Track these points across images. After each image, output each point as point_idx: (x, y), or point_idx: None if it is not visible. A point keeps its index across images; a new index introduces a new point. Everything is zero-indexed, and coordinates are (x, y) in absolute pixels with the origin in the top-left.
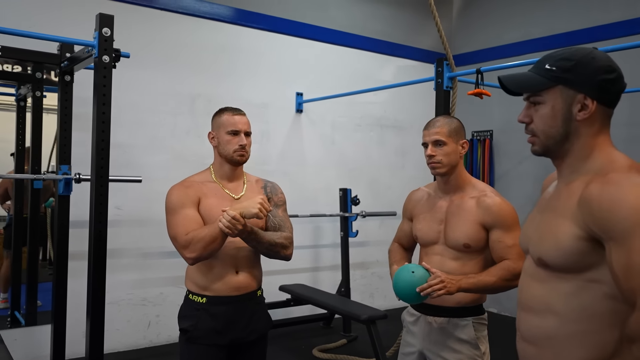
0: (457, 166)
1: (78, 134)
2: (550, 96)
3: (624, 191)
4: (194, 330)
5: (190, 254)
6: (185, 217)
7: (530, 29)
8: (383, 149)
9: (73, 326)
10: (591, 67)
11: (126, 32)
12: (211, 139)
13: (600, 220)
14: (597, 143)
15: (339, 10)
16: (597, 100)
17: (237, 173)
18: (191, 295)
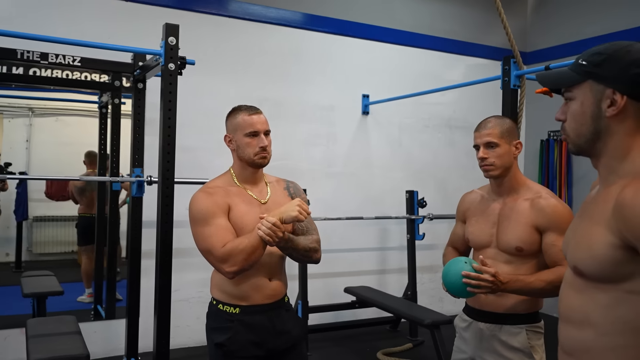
0: (510, 168)
1: (151, 139)
2: (580, 92)
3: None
4: (230, 344)
5: (231, 268)
6: (219, 227)
7: (611, 22)
8: (452, 150)
9: (147, 321)
10: (623, 61)
11: (196, 40)
12: (228, 142)
13: (633, 228)
14: (635, 142)
15: (405, 11)
16: (629, 95)
17: (259, 175)
18: (221, 305)
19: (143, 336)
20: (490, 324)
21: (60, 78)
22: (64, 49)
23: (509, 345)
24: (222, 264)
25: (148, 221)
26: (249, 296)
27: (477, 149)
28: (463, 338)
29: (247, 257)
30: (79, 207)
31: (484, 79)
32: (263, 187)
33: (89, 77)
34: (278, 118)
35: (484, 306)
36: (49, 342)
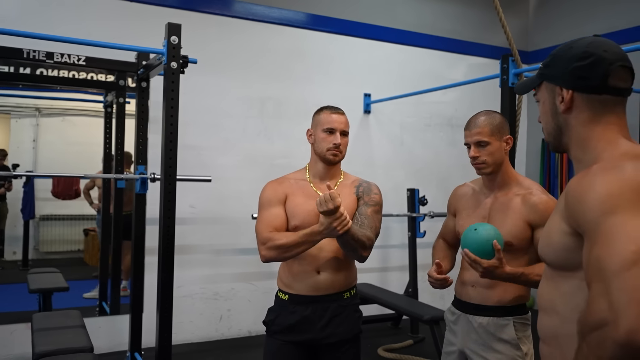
0: (502, 163)
1: (154, 137)
2: (541, 93)
3: (596, 180)
4: (272, 325)
5: (265, 252)
6: (270, 214)
7: (612, 20)
8: (454, 148)
9: (150, 317)
10: (564, 58)
11: (200, 40)
12: (309, 137)
13: (574, 214)
14: (593, 132)
15: (407, 11)
16: (574, 89)
17: (333, 172)
18: (279, 292)
19: (147, 331)
20: (478, 316)
21: (67, 78)
22: (69, 48)
23: (497, 337)
24: (260, 246)
25: (151, 218)
26: (295, 285)
27: (468, 147)
28: (452, 331)
29: (282, 253)
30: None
31: (482, 78)
32: (333, 184)
33: (95, 77)
34: (281, 117)
35: (472, 299)
36: (54, 335)
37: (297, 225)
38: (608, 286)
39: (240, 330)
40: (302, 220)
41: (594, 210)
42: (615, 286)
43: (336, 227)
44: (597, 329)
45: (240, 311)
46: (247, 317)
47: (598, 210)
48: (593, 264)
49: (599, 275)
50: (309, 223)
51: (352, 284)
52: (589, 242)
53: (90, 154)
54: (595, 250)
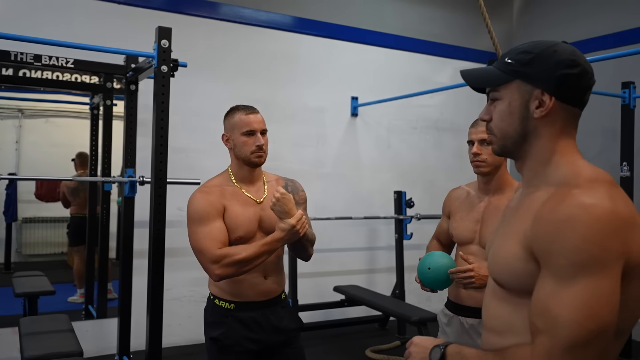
0: (500, 167)
1: (142, 139)
2: (507, 91)
3: (577, 217)
4: (224, 339)
5: (219, 271)
6: (213, 229)
7: (595, 26)
8: (440, 151)
9: (138, 320)
10: (551, 61)
11: (188, 42)
12: (225, 141)
13: (543, 245)
14: (559, 146)
15: (393, 15)
16: (556, 97)
17: (257, 174)
18: (217, 300)
19: (135, 335)
20: (470, 318)
21: (53, 80)
22: (57, 50)
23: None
24: (212, 265)
25: (139, 221)
26: (243, 293)
27: (471, 144)
28: (445, 333)
29: (240, 268)
30: (70, 208)
31: None
32: (260, 186)
33: (79, 79)
34: (268, 119)
35: (465, 300)
36: (43, 340)
37: (241, 237)
38: (557, 353)
39: None
40: (246, 230)
41: (566, 254)
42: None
43: (298, 230)
44: None
45: None
46: None
47: (570, 257)
48: (550, 318)
49: (553, 335)
50: (252, 232)
51: (284, 284)
52: (549, 281)
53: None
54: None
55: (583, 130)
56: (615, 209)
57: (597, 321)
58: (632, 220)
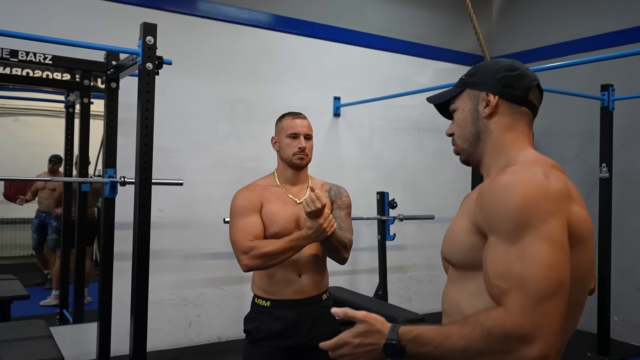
0: None
1: (122, 139)
2: (460, 101)
3: (513, 183)
4: (257, 332)
5: (247, 261)
6: (248, 222)
7: (573, 29)
8: (421, 152)
9: (118, 324)
10: (493, 68)
11: (169, 40)
12: (273, 144)
13: (486, 213)
14: (509, 140)
15: (376, 15)
16: (500, 96)
17: (301, 177)
18: (256, 299)
19: (114, 339)
20: None
21: (26, 76)
22: (34, 46)
23: None
24: (242, 256)
25: (119, 222)
26: (278, 291)
27: None
28: None
29: (267, 261)
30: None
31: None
32: (303, 188)
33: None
34: (251, 119)
35: None
36: (22, 347)
37: (277, 232)
38: (530, 306)
39: (210, 336)
40: (281, 227)
41: (509, 216)
42: (538, 310)
43: (325, 229)
44: (513, 340)
45: (210, 317)
46: (217, 322)
47: (514, 218)
48: (514, 276)
49: (523, 290)
50: (288, 229)
51: (327, 285)
52: (500, 245)
53: (46, 155)
54: (516, 263)
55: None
56: (547, 180)
57: (558, 269)
58: (566, 192)
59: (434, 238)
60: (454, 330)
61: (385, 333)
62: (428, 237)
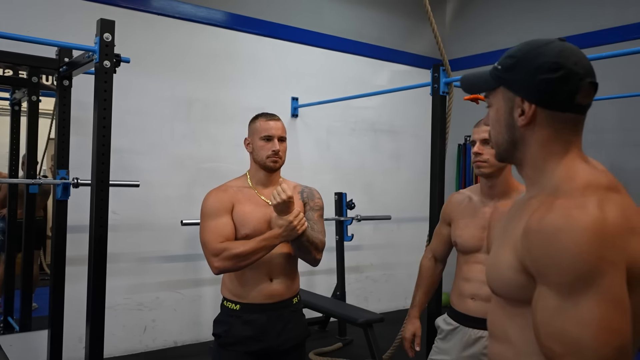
0: (504, 169)
1: (74, 139)
2: (495, 98)
3: (565, 229)
4: (226, 337)
5: (218, 263)
6: (219, 223)
7: (523, 34)
8: (378, 153)
9: (69, 331)
10: (532, 65)
11: (124, 37)
12: (246, 145)
13: (536, 260)
14: (552, 153)
15: (334, 16)
16: (537, 104)
17: (274, 179)
18: (226, 302)
19: (65, 347)
20: (477, 330)
21: None
22: None
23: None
24: (212, 258)
25: (70, 226)
26: (248, 294)
27: (473, 144)
28: (447, 340)
29: (238, 262)
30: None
31: (413, 85)
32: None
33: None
34: (208, 119)
35: (471, 311)
36: None
37: (248, 234)
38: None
39: (166, 341)
40: (253, 229)
41: (563, 270)
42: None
43: (296, 227)
44: None
45: (166, 321)
46: (172, 327)
47: (569, 272)
48: (570, 341)
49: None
50: (260, 231)
51: (298, 289)
52: (553, 300)
53: None
54: (573, 326)
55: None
56: (603, 217)
57: (619, 336)
58: (626, 228)
59: (391, 238)
60: None
61: None
62: (384, 238)
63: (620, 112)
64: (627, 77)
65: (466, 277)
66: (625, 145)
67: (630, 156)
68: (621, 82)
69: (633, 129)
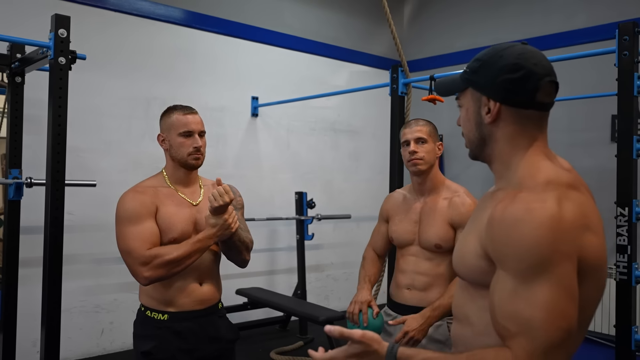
0: (434, 166)
1: (27, 137)
2: (465, 99)
3: (524, 220)
4: (157, 352)
5: (149, 273)
6: (144, 229)
7: (478, 38)
8: (337, 153)
9: (22, 336)
10: (495, 67)
11: (79, 33)
12: (161, 142)
13: (497, 247)
14: (517, 148)
15: (293, 16)
16: (502, 102)
17: (193, 177)
18: (149, 312)
19: (18, 351)
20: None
21: None
22: None
23: (431, 337)
24: (141, 267)
25: (23, 227)
26: (177, 302)
27: (406, 144)
28: (388, 332)
29: (172, 269)
30: None
31: (372, 86)
32: (196, 189)
33: None
34: None
35: (408, 301)
36: None
37: (175, 238)
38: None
39: (124, 344)
40: (180, 232)
41: (520, 257)
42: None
43: (230, 225)
44: None
45: (124, 323)
46: (131, 329)
47: (525, 259)
48: (523, 321)
49: (531, 338)
50: (187, 234)
51: (221, 293)
52: (510, 283)
53: None
54: (526, 308)
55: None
56: (560, 212)
57: (567, 319)
58: (580, 224)
59: (350, 237)
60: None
61: (382, 354)
62: (344, 236)
63: (570, 114)
64: (575, 80)
65: (402, 269)
66: (574, 145)
67: (579, 155)
68: (570, 85)
69: (581, 129)
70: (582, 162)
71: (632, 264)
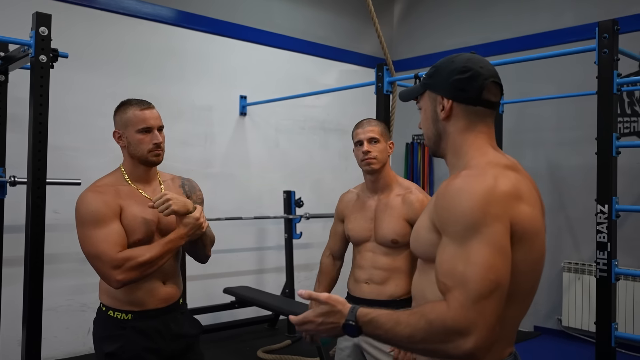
0: (386, 164)
1: (12, 136)
2: (423, 101)
3: (463, 189)
4: (122, 353)
5: (122, 276)
6: (112, 231)
7: (467, 37)
8: (326, 151)
9: (6, 335)
10: (447, 70)
11: (66, 32)
12: (118, 139)
13: (440, 215)
14: (466, 140)
15: (282, 15)
16: (453, 99)
17: (152, 173)
18: (112, 312)
19: (3, 351)
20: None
21: None
22: None
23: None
24: (113, 271)
25: (8, 226)
26: (142, 301)
27: (359, 144)
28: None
29: (144, 271)
30: None
31: (358, 84)
32: (157, 185)
33: None
34: None
35: (366, 295)
36: None
37: (140, 239)
38: (469, 304)
39: None
40: (145, 233)
41: (458, 221)
42: (475, 308)
43: (202, 224)
44: (451, 332)
45: None
46: None
47: (462, 222)
48: (457, 275)
49: (463, 289)
50: (151, 233)
51: (182, 289)
52: (450, 246)
53: None
54: (460, 264)
55: None
56: (494, 184)
57: (497, 272)
58: (514, 195)
59: None
60: (403, 317)
61: (345, 314)
62: None
63: (558, 112)
64: (564, 79)
65: (359, 264)
66: (562, 143)
67: (567, 154)
68: (558, 83)
69: (569, 127)
70: (569, 161)
71: (612, 260)
